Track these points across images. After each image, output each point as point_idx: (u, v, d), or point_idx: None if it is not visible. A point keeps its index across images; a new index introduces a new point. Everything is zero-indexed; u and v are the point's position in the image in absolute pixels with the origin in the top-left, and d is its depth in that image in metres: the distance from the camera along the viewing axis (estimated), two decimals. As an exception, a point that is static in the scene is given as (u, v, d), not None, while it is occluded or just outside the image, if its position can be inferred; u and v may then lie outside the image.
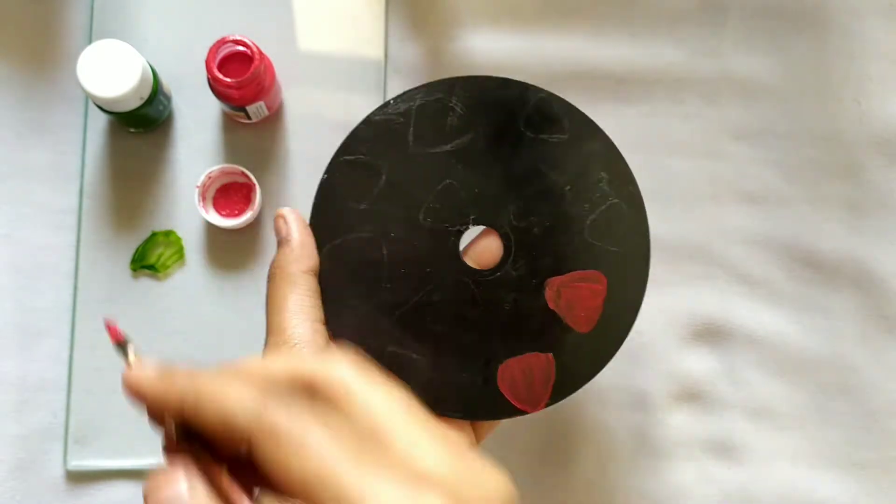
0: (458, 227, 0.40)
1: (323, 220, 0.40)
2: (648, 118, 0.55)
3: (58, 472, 0.52)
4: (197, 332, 0.53)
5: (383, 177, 0.40)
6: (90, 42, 0.54)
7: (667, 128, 0.55)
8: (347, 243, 0.40)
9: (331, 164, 0.40)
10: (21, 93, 0.54)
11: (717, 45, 0.56)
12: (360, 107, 0.54)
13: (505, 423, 0.42)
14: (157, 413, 0.27)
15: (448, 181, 0.40)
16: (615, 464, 0.53)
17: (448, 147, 0.40)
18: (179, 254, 0.53)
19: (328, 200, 0.40)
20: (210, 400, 0.25)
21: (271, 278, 0.38)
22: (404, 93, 0.40)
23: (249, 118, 0.53)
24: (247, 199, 0.53)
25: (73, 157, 0.54)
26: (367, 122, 0.41)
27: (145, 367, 0.28)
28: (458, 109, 0.40)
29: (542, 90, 0.41)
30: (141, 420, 0.52)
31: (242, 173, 0.52)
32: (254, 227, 0.54)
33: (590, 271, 0.40)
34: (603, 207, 0.40)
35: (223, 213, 0.53)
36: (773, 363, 0.55)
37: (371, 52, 0.55)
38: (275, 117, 0.54)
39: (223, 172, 0.52)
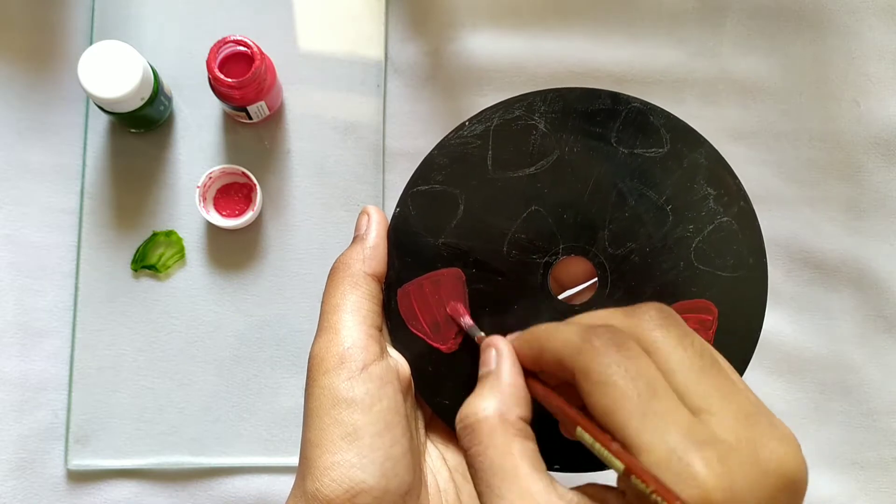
0: (546, 259, 0.36)
1: (397, 257, 0.37)
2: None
3: (59, 471, 0.52)
4: (197, 332, 0.53)
5: (461, 207, 0.36)
6: (91, 43, 0.54)
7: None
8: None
9: (403, 195, 0.37)
10: (22, 93, 0.54)
11: (717, 46, 0.56)
12: (360, 107, 0.55)
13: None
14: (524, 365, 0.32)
15: (533, 208, 0.36)
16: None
17: (531, 170, 0.36)
18: (180, 254, 0.54)
19: (402, 236, 0.37)
20: (546, 348, 0.30)
21: (334, 273, 0.36)
22: (480, 113, 0.36)
23: (250, 118, 0.53)
24: (247, 200, 0.53)
25: (74, 157, 0.54)
26: (441, 147, 0.37)
27: (506, 339, 0.33)
28: (541, 127, 0.36)
29: (634, 99, 0.36)
30: (141, 419, 0.52)
31: (243, 173, 0.52)
32: (255, 227, 0.54)
33: (698, 301, 0.36)
34: (710, 227, 0.36)
35: (224, 213, 0.53)
36: (771, 363, 0.55)
37: (371, 52, 0.55)
38: (275, 117, 0.54)
39: (224, 173, 0.52)
